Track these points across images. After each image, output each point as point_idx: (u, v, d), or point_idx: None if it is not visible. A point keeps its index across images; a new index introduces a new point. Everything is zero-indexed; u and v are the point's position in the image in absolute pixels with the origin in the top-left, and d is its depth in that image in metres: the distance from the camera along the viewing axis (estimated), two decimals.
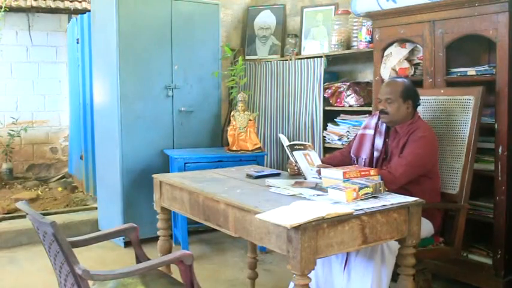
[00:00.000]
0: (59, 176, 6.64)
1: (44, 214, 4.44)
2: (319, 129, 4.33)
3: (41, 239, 1.95)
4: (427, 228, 2.62)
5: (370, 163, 2.78)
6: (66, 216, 4.60)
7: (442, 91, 3.04)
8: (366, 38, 3.94)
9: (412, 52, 3.43)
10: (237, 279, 3.49)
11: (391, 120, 2.72)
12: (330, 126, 4.30)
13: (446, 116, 2.93)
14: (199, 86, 4.42)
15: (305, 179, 2.63)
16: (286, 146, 2.62)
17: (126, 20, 3.99)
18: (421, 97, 2.78)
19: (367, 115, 3.76)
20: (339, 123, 4.23)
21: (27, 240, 4.18)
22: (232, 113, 4.18)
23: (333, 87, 4.26)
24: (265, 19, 5.07)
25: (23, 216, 4.32)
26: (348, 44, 4.23)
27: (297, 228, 1.84)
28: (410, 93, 2.69)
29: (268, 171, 2.92)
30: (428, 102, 3.03)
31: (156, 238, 2.96)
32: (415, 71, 3.44)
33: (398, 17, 3.39)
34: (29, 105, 6.74)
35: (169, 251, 2.89)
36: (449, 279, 3.21)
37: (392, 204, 2.15)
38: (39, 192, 5.77)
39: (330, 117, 4.33)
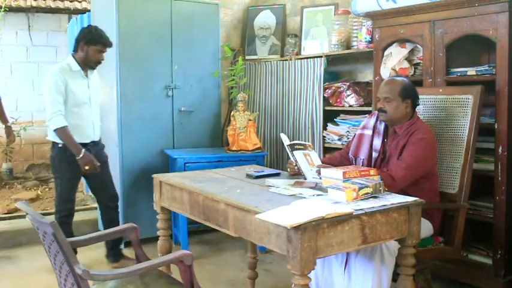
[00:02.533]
0: None
1: (44, 214, 4.44)
2: (319, 129, 4.33)
3: (41, 239, 1.95)
4: (426, 228, 2.62)
5: (369, 164, 2.77)
6: None
7: (440, 90, 3.04)
8: (365, 38, 3.94)
9: (412, 52, 3.43)
10: (237, 279, 3.49)
11: (389, 119, 2.71)
12: (330, 126, 4.30)
13: (445, 115, 2.93)
14: (199, 86, 4.42)
15: (305, 179, 2.63)
16: (287, 146, 2.62)
17: (126, 20, 4.00)
18: (419, 96, 2.77)
19: (367, 115, 3.76)
20: (339, 123, 4.23)
21: (27, 240, 4.18)
22: (232, 113, 4.19)
23: (333, 87, 4.26)
24: (265, 19, 5.07)
25: (23, 216, 4.32)
26: (347, 44, 4.23)
27: (296, 228, 1.84)
28: (409, 92, 2.69)
29: (268, 171, 2.92)
30: (427, 102, 3.03)
31: (156, 238, 2.96)
32: (415, 71, 3.44)
33: (398, 17, 3.39)
34: (28, 105, 6.75)
35: (169, 251, 2.89)
36: (449, 279, 3.21)
37: (392, 204, 2.15)
38: (39, 192, 5.77)
39: (330, 117, 4.33)
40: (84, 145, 3.44)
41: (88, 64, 3.48)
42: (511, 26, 2.85)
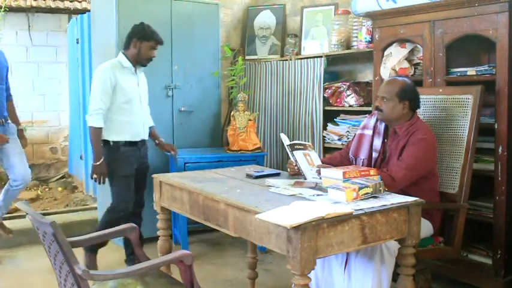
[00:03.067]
0: (59, 176, 6.65)
1: (44, 214, 4.44)
2: (319, 129, 4.33)
3: (41, 239, 1.95)
4: (426, 228, 2.62)
5: (369, 164, 2.77)
6: (66, 216, 4.61)
7: (440, 90, 3.04)
8: (365, 38, 3.94)
9: (412, 52, 3.43)
10: (237, 279, 3.49)
11: (385, 118, 2.73)
12: (330, 126, 4.30)
13: (445, 115, 2.93)
14: (199, 86, 4.42)
15: (305, 179, 2.63)
16: (287, 146, 2.62)
17: (126, 20, 3.98)
18: (419, 96, 2.76)
19: (367, 115, 3.76)
20: (339, 123, 4.23)
21: (27, 240, 4.18)
22: (232, 113, 4.18)
23: (333, 87, 4.26)
24: (265, 19, 5.07)
25: (23, 216, 4.32)
26: (347, 44, 4.23)
27: (296, 228, 1.84)
28: (407, 94, 2.68)
29: (268, 171, 2.92)
30: (427, 102, 3.03)
31: (156, 238, 2.96)
32: (415, 71, 3.44)
33: (399, 17, 3.39)
34: (28, 105, 6.74)
35: (169, 251, 2.89)
36: (449, 279, 3.21)
37: (392, 204, 2.15)
38: (39, 192, 5.77)
39: (330, 117, 4.33)
40: (134, 143, 3.44)
41: (139, 61, 3.44)
42: (511, 26, 2.85)
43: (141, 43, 3.39)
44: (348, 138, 4.06)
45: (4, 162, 3.81)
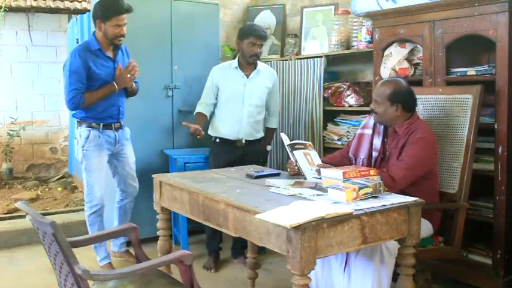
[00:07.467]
0: (59, 176, 6.65)
1: (44, 214, 4.44)
2: (319, 129, 4.33)
3: (40, 239, 1.95)
4: (426, 228, 2.62)
5: (369, 163, 2.77)
6: (66, 216, 4.60)
7: (440, 90, 3.04)
8: (365, 38, 3.94)
9: (412, 52, 3.43)
10: (237, 279, 3.49)
11: (380, 120, 2.74)
12: (330, 126, 4.30)
13: (444, 115, 2.93)
14: (199, 86, 4.39)
15: (305, 178, 2.63)
16: (287, 145, 2.62)
17: (126, 20, 3.98)
18: (419, 96, 2.76)
19: (366, 115, 3.76)
20: (339, 123, 4.23)
21: (27, 240, 4.18)
22: None
23: (333, 87, 4.26)
24: (265, 19, 5.07)
25: (23, 216, 4.32)
26: (347, 44, 4.23)
27: (296, 228, 1.84)
28: (399, 96, 2.66)
29: (268, 171, 2.92)
30: (427, 102, 3.03)
31: (156, 238, 2.96)
32: (415, 71, 3.44)
33: (398, 17, 3.39)
34: (28, 105, 6.74)
35: (169, 251, 2.89)
36: (449, 279, 3.21)
37: (392, 204, 2.15)
38: (39, 192, 5.77)
39: (330, 117, 4.33)
40: (231, 141, 3.66)
41: (246, 61, 3.63)
42: (511, 26, 2.85)
43: (241, 42, 3.59)
44: (348, 138, 4.05)
45: (118, 171, 3.62)
